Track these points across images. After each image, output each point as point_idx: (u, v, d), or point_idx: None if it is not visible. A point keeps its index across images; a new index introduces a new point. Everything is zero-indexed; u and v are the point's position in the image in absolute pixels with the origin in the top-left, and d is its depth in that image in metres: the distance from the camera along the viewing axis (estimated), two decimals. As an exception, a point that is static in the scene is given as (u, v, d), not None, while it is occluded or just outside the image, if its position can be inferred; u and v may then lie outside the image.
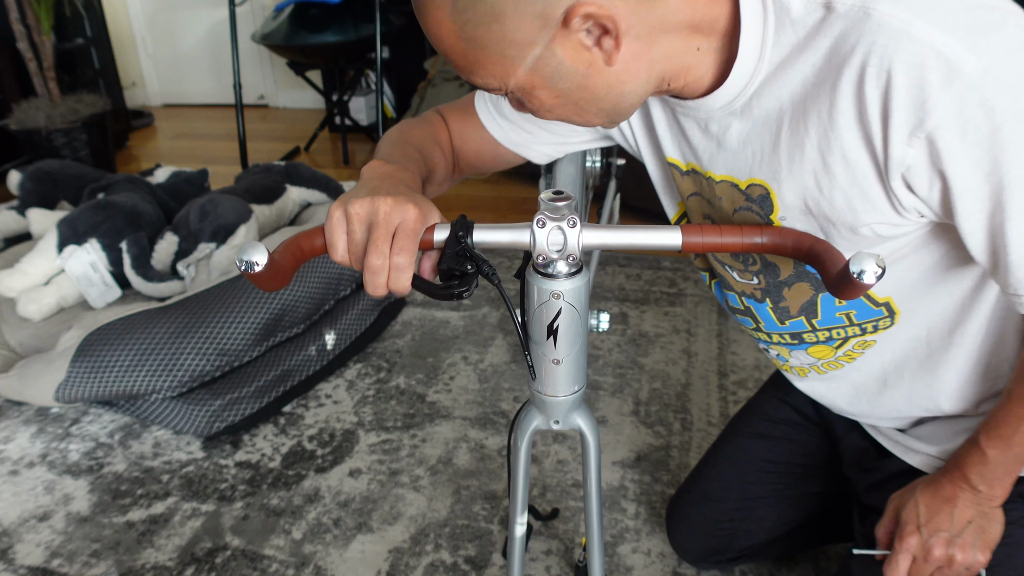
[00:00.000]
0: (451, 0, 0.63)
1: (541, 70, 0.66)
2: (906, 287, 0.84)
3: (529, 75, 0.67)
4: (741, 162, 0.79)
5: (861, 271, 0.59)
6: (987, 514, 0.86)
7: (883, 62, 0.64)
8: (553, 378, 0.78)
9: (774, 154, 0.75)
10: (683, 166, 0.88)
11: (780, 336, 0.96)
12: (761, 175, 0.78)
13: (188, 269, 2.08)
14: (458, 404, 1.79)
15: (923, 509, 0.87)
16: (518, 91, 0.69)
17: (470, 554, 1.39)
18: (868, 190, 0.71)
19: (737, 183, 0.81)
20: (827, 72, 0.68)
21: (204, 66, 4.46)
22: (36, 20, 2.99)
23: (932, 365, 0.90)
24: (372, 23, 3.10)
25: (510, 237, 0.70)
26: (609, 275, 2.33)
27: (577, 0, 0.62)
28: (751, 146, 0.77)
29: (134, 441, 1.71)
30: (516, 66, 0.66)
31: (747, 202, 0.81)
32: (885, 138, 0.67)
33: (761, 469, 1.20)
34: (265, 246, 0.65)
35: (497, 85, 0.69)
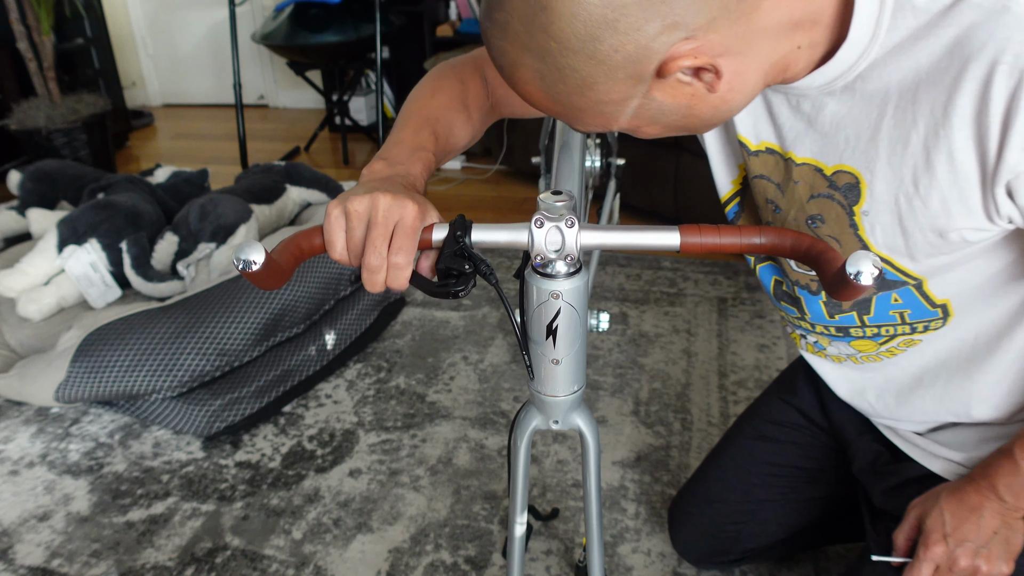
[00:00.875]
0: (538, 76, 0.62)
1: (642, 114, 0.65)
2: (968, 290, 0.82)
3: (632, 120, 0.66)
4: (831, 146, 0.75)
5: (858, 272, 0.58)
6: (1011, 525, 0.85)
7: (1017, 60, 0.61)
8: (553, 378, 0.78)
9: (872, 141, 0.72)
10: (753, 146, 0.84)
11: (824, 328, 0.94)
12: (853, 162, 0.74)
13: (188, 269, 2.08)
14: (458, 404, 1.79)
15: (949, 518, 0.86)
16: (624, 131, 0.69)
17: (470, 554, 1.39)
18: (968, 194, 0.69)
19: (822, 167, 0.77)
20: (948, 64, 0.64)
21: (204, 66, 4.46)
22: (36, 20, 2.99)
23: (972, 369, 0.88)
24: (372, 23, 3.10)
25: (508, 237, 0.70)
26: (609, 275, 2.33)
27: (669, 55, 0.59)
28: (846, 130, 0.74)
29: (134, 441, 1.72)
30: (617, 117, 0.65)
31: (829, 188, 0.78)
32: (1002, 142, 0.64)
33: (765, 472, 1.19)
34: (263, 245, 0.65)
35: (601, 130, 0.69)
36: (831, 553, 1.36)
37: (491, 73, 0.92)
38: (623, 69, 0.60)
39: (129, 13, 4.39)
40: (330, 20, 3.11)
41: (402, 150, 0.79)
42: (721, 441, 1.27)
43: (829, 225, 0.80)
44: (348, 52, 3.21)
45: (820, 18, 0.66)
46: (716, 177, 0.95)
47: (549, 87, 0.63)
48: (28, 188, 2.40)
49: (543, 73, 0.62)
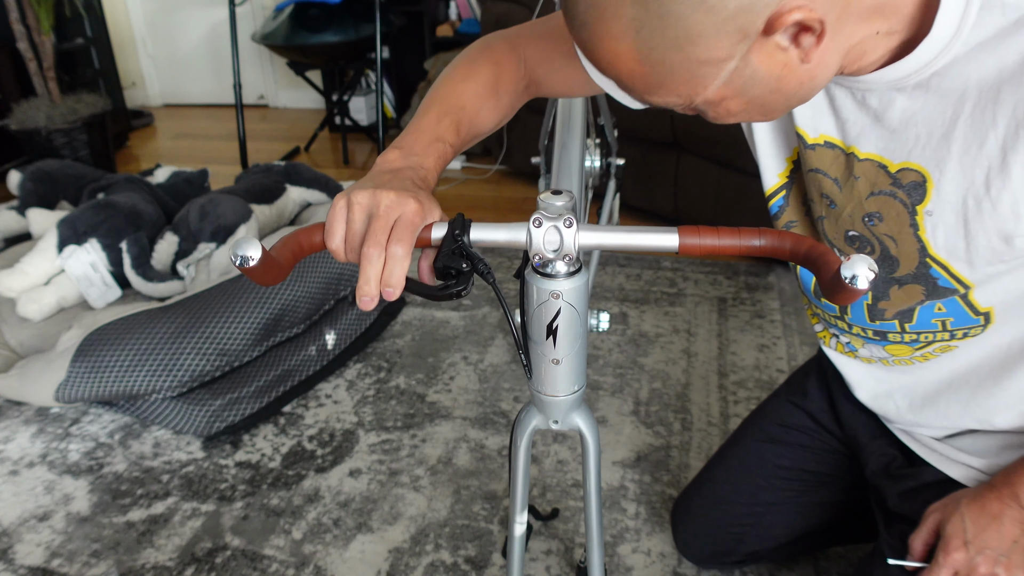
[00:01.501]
0: (634, 28, 0.57)
1: (734, 82, 0.61)
2: (1013, 299, 0.81)
3: (721, 89, 0.62)
4: (899, 143, 0.73)
5: (853, 276, 0.57)
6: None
7: None
8: (553, 378, 0.78)
9: (944, 139, 0.70)
10: (811, 139, 0.82)
11: (862, 330, 0.93)
12: (922, 160, 0.73)
13: (188, 269, 2.08)
14: (458, 404, 1.79)
15: (970, 525, 0.85)
16: (704, 104, 0.64)
17: (470, 554, 1.39)
18: None
19: (887, 164, 0.76)
20: None
21: (204, 66, 4.46)
22: (36, 20, 2.99)
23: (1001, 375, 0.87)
24: (372, 23, 3.10)
25: (507, 236, 0.70)
26: (609, 275, 2.33)
27: (782, 6, 0.55)
28: (917, 127, 0.72)
29: (134, 441, 1.72)
30: (708, 83, 0.61)
31: (892, 186, 0.76)
32: None
33: (773, 475, 1.18)
34: (260, 241, 0.65)
35: (681, 103, 0.64)
36: (831, 553, 1.36)
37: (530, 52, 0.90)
38: (733, 21, 0.56)
39: (129, 13, 4.39)
40: (330, 20, 3.11)
41: (419, 139, 0.78)
42: (727, 442, 1.27)
43: (887, 223, 0.79)
44: (348, 52, 3.21)
45: (902, 7, 0.64)
46: (763, 170, 0.93)
47: (644, 40, 0.57)
48: (28, 188, 2.40)
49: (642, 23, 0.57)
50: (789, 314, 2.08)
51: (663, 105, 0.65)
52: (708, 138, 2.28)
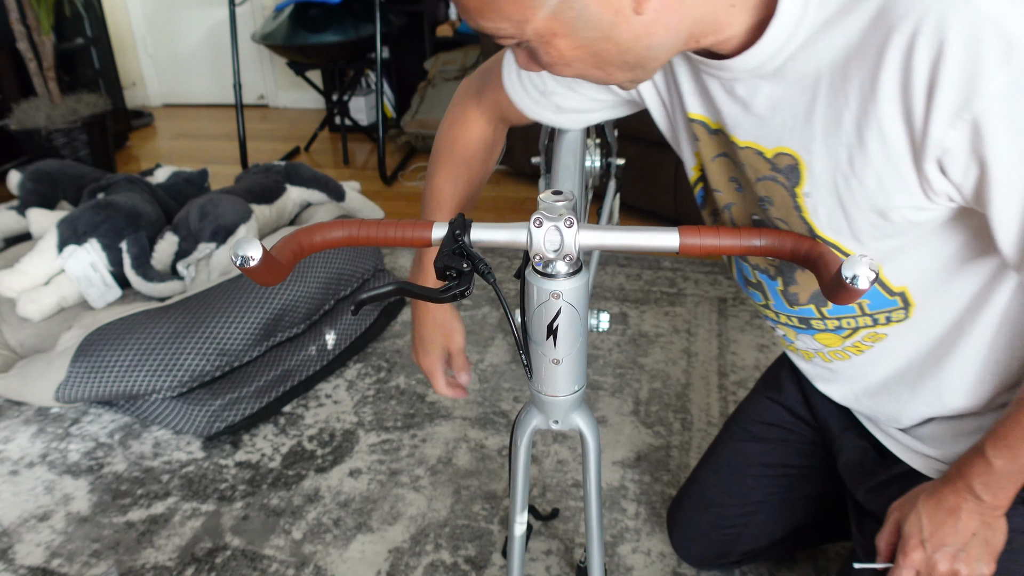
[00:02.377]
0: None
1: (563, 14, 0.61)
2: (925, 276, 0.80)
3: (550, 19, 0.61)
4: (769, 129, 0.74)
5: (854, 276, 0.58)
6: (991, 524, 0.83)
7: (937, 30, 0.58)
8: (553, 378, 0.78)
9: (808, 122, 0.71)
10: (711, 124, 0.82)
11: (788, 318, 0.93)
12: (791, 144, 0.73)
13: (188, 269, 2.08)
14: (458, 404, 1.79)
15: (926, 522, 0.84)
16: (535, 39, 0.63)
17: (470, 554, 1.39)
18: (902, 171, 0.67)
19: (763, 151, 0.76)
20: (874, 36, 0.63)
21: (204, 66, 4.46)
22: (36, 20, 3.00)
23: (941, 358, 0.87)
24: (372, 23, 3.10)
25: (507, 236, 0.70)
26: (609, 275, 2.33)
27: None
28: (782, 112, 0.72)
29: (134, 441, 1.72)
30: (536, 7, 0.60)
31: (772, 171, 0.77)
32: (927, 116, 0.62)
33: (760, 473, 1.19)
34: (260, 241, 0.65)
35: (512, 31, 0.63)
36: (831, 553, 1.36)
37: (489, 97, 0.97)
38: None
39: (129, 13, 4.39)
40: (330, 20, 3.11)
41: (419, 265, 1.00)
42: (714, 444, 1.27)
43: (776, 207, 0.79)
44: (348, 52, 3.21)
45: None
46: (684, 162, 0.94)
47: None
48: (28, 188, 2.40)
49: None
50: (789, 314, 2.08)
51: (495, 33, 0.64)
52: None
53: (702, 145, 0.85)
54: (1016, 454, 0.79)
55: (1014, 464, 0.79)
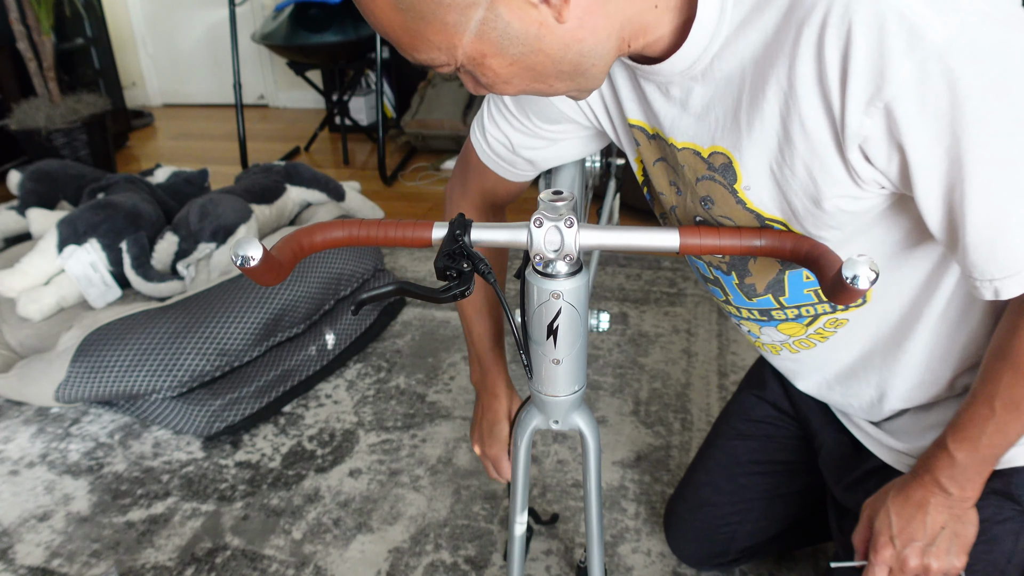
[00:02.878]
0: None
1: (487, 35, 0.61)
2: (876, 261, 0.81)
3: (476, 42, 0.62)
4: (703, 129, 0.75)
5: (855, 276, 0.58)
6: (960, 516, 0.84)
7: (843, 21, 0.59)
8: (553, 378, 0.78)
9: (735, 120, 0.71)
10: (649, 129, 0.83)
11: (749, 312, 0.93)
12: (723, 143, 0.74)
13: (188, 269, 2.08)
14: (458, 404, 1.79)
15: (895, 518, 0.85)
16: (469, 63, 0.64)
17: (470, 554, 1.39)
18: (827, 161, 0.68)
19: (699, 150, 0.77)
20: (786, 31, 0.64)
21: (204, 66, 4.46)
22: (36, 20, 3.00)
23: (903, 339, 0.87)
24: (372, 23, 3.09)
25: (507, 236, 0.70)
26: (609, 275, 2.33)
27: None
28: (714, 111, 0.73)
29: (134, 441, 1.72)
30: (460, 33, 0.61)
31: (709, 171, 0.77)
32: (843, 106, 0.63)
33: (750, 471, 1.19)
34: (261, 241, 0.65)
35: (445, 59, 0.63)
36: (831, 552, 1.36)
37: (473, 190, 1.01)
38: None
39: (129, 13, 4.39)
40: (330, 20, 3.11)
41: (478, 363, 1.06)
42: (704, 444, 1.28)
43: (718, 205, 0.79)
44: (348, 52, 3.21)
45: None
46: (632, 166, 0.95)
47: None
48: (28, 188, 2.40)
49: None
50: (789, 314, 2.08)
51: (431, 64, 0.64)
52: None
53: (642, 150, 0.86)
54: (976, 446, 0.80)
55: (976, 456, 0.80)
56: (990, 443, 0.80)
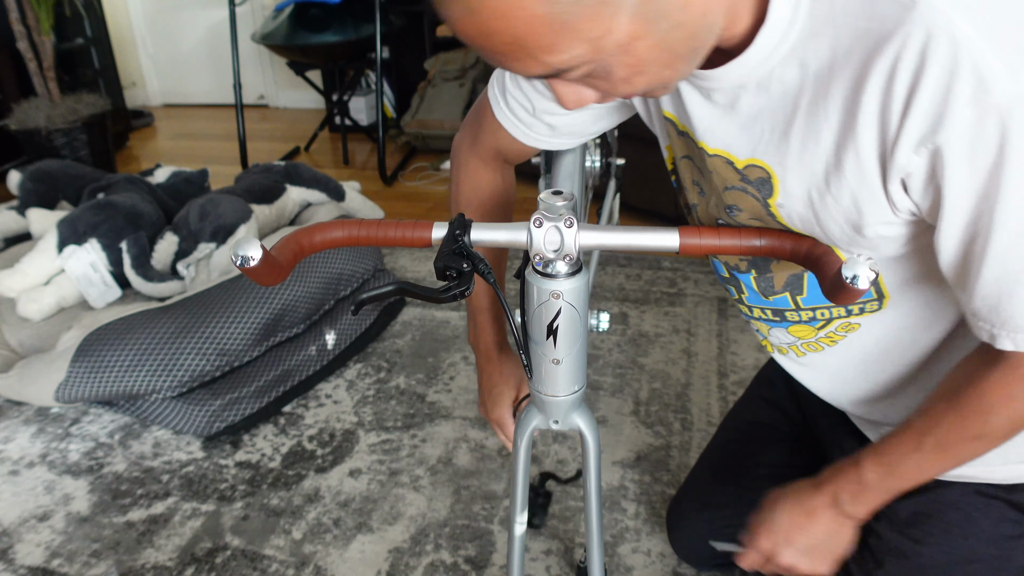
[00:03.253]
0: None
1: (644, 13, 0.55)
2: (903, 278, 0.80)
3: (631, 22, 0.55)
4: (745, 139, 0.73)
5: (854, 276, 0.58)
6: (842, 532, 0.87)
7: (919, 56, 0.58)
8: (553, 378, 0.78)
9: (785, 136, 0.69)
10: (679, 125, 0.81)
11: (761, 311, 0.93)
12: (766, 157, 0.72)
13: (188, 269, 2.08)
14: (458, 404, 1.79)
15: (784, 518, 0.88)
16: (614, 53, 0.57)
17: (470, 554, 1.39)
18: (874, 190, 0.67)
19: (733, 160, 0.75)
20: (858, 52, 0.62)
21: (204, 66, 4.46)
22: (36, 20, 2.99)
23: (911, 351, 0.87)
24: (372, 23, 3.10)
25: (507, 236, 0.70)
26: (609, 275, 2.33)
27: None
28: (761, 123, 0.71)
29: (134, 441, 1.72)
30: (617, 13, 0.53)
31: (742, 182, 0.76)
32: (896, 139, 0.62)
33: (754, 473, 1.19)
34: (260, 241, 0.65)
35: (587, 54, 0.56)
36: (831, 553, 1.36)
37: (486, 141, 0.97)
38: None
39: (129, 13, 4.39)
40: (330, 20, 3.11)
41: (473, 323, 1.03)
42: (710, 444, 1.28)
43: (747, 212, 0.78)
44: (348, 52, 3.21)
45: None
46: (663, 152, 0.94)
47: None
48: (28, 188, 2.40)
49: None
50: (789, 314, 2.08)
51: (559, 67, 0.57)
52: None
53: (672, 142, 0.85)
54: (890, 472, 0.81)
55: (885, 482, 0.82)
56: (904, 475, 0.81)
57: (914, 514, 0.93)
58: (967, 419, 0.76)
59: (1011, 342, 0.69)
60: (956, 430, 0.77)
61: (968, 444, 0.78)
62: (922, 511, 0.93)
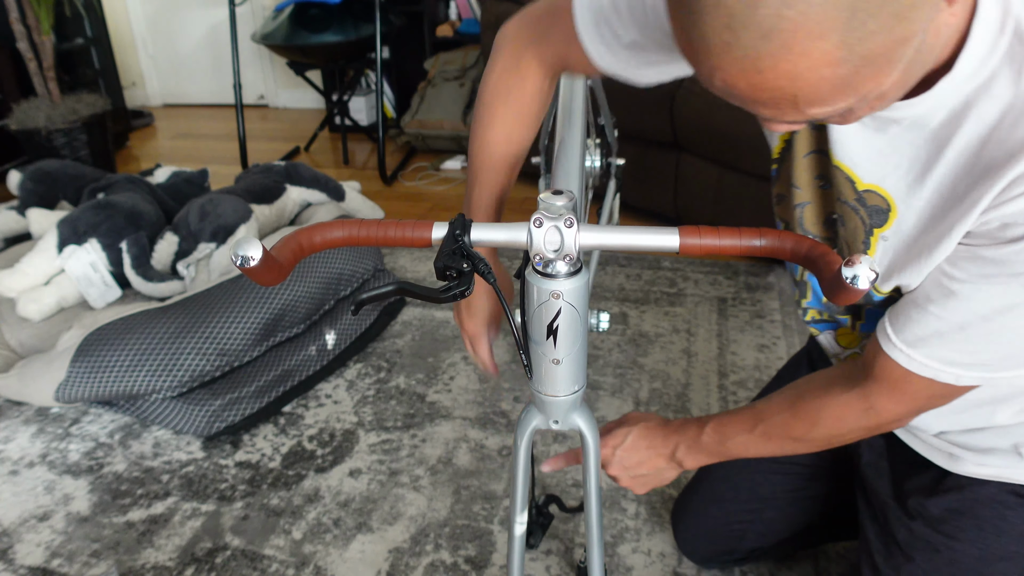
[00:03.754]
0: (844, 20, 0.48)
1: (912, 62, 0.53)
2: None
3: (900, 73, 0.53)
4: (877, 165, 0.72)
5: (855, 276, 0.57)
6: (667, 471, 1.01)
7: None
8: (553, 378, 0.78)
9: (921, 179, 0.69)
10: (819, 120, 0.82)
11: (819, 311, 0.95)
12: (892, 189, 0.72)
13: (188, 269, 2.08)
14: (458, 404, 1.79)
15: (630, 443, 1.00)
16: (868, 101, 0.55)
17: (470, 554, 1.39)
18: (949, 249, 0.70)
19: (855, 180, 0.75)
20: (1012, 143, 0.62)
21: (204, 66, 4.46)
22: (36, 20, 2.99)
23: None
24: (372, 23, 3.10)
25: (507, 236, 0.70)
26: (609, 275, 2.33)
27: None
28: (899, 156, 0.70)
29: (134, 441, 1.72)
30: (894, 68, 0.52)
31: (856, 203, 0.75)
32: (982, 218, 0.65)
33: (768, 470, 1.19)
34: (261, 241, 0.65)
35: (846, 106, 0.54)
36: (831, 553, 1.36)
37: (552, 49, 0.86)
38: None
39: (129, 13, 4.39)
40: (330, 20, 3.11)
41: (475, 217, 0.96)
42: None
43: (847, 231, 0.80)
44: (348, 52, 3.21)
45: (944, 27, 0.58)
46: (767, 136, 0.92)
47: (854, 29, 0.48)
48: (28, 188, 2.40)
49: (854, 9, 0.47)
50: (789, 314, 2.08)
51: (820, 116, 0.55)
52: (708, 138, 2.28)
53: (798, 136, 0.83)
54: (722, 441, 0.94)
55: (716, 448, 0.96)
56: (732, 449, 0.94)
57: (947, 511, 0.93)
58: (796, 421, 0.86)
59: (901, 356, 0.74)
60: (783, 427, 0.87)
61: (788, 442, 0.89)
62: (956, 508, 0.93)
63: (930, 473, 0.96)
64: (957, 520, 0.93)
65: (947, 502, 0.93)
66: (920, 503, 0.95)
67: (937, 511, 0.94)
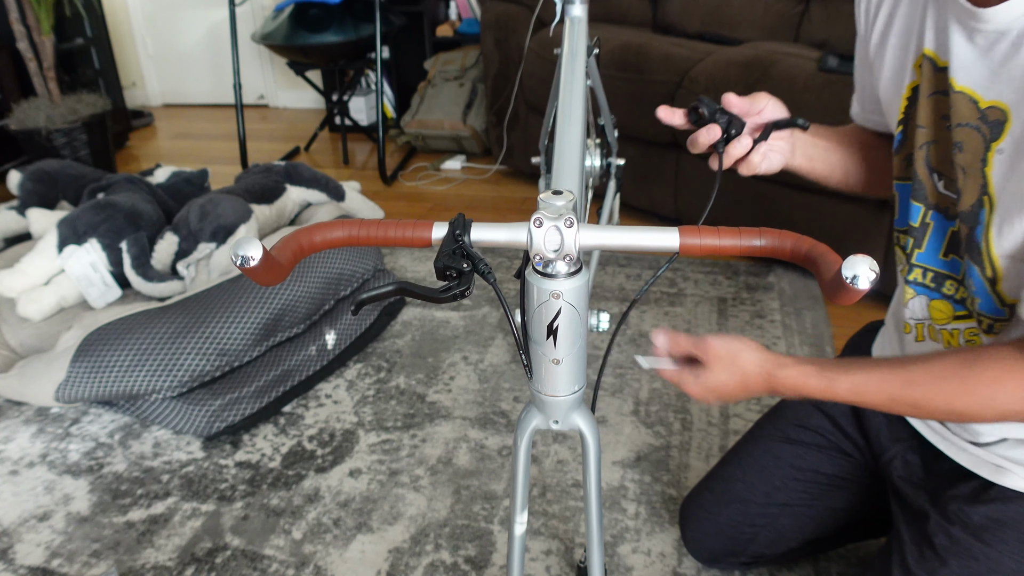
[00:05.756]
0: None
1: None
2: None
3: None
4: (995, 80, 0.78)
5: (855, 276, 0.57)
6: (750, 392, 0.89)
7: None
8: (553, 378, 0.78)
9: None
10: (940, 62, 0.86)
11: (924, 273, 0.94)
12: (1009, 99, 0.77)
13: (188, 269, 2.08)
14: (458, 404, 1.79)
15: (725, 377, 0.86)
16: None
17: (470, 554, 1.39)
18: None
19: (978, 100, 0.80)
20: None
21: (204, 66, 4.46)
22: (36, 20, 2.99)
23: None
24: (372, 23, 3.10)
25: (507, 236, 0.70)
26: (609, 275, 2.33)
27: None
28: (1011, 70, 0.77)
29: (134, 441, 1.72)
30: None
31: (979, 120, 0.80)
32: None
33: (788, 476, 1.18)
34: (261, 241, 0.65)
35: None
36: (831, 553, 1.36)
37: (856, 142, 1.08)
38: None
39: (129, 13, 4.39)
40: (330, 20, 3.11)
41: None
42: (743, 440, 1.26)
43: (966, 155, 0.82)
44: (348, 52, 3.21)
45: None
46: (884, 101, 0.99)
47: None
48: (28, 188, 2.40)
49: None
50: (789, 314, 2.08)
51: None
52: (708, 138, 2.28)
53: (923, 82, 0.88)
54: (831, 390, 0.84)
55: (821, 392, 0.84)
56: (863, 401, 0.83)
57: (989, 519, 0.93)
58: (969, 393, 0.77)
59: None
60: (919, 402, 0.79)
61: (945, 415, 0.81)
62: (999, 518, 0.92)
63: (972, 484, 0.96)
64: (999, 530, 0.92)
65: (990, 511, 0.92)
66: (961, 509, 0.94)
67: (979, 518, 0.93)
